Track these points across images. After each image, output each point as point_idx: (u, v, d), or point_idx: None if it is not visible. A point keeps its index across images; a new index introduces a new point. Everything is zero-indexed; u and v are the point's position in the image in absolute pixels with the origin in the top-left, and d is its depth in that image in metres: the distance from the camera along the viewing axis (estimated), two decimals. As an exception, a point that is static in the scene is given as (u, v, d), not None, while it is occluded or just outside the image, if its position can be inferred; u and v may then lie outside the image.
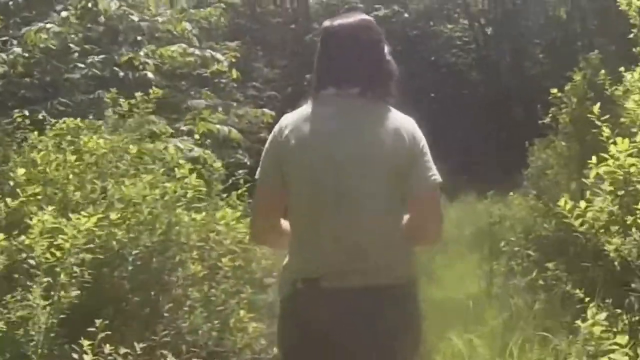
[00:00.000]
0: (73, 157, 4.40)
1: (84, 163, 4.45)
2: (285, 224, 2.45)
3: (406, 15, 18.99)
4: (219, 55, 8.14)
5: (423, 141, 2.37)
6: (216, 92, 14.75)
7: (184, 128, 7.48)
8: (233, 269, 4.27)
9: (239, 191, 5.37)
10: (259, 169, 2.44)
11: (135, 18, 7.41)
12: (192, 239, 4.11)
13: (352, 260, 2.28)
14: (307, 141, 2.33)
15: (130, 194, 3.83)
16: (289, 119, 2.40)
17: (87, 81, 8.35)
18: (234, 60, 11.88)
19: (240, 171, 6.33)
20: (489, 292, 6.66)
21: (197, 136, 7.27)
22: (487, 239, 8.01)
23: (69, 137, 4.81)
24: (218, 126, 7.57)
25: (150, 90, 5.63)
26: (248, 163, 15.26)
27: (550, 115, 6.85)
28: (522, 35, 20.24)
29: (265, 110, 10.94)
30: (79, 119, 5.17)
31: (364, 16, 2.49)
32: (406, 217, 2.39)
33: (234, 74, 8.39)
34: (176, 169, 4.36)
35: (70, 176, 4.31)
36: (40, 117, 6.75)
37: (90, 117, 6.02)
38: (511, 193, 8.85)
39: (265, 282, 4.55)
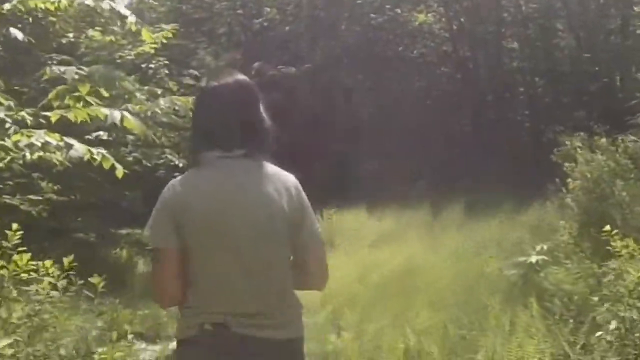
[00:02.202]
0: None
1: None
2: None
3: (371, -1, 16.70)
4: (122, 9, 5.58)
5: (304, 195, 2.51)
6: (144, 79, 12.43)
7: (48, 113, 4.58)
8: None
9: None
10: (150, 231, 2.43)
11: None
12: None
13: (256, 306, 2.38)
14: (203, 203, 2.39)
15: None
16: (178, 182, 2.45)
17: None
18: (165, 41, 9.54)
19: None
20: None
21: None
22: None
23: None
24: (105, 110, 4.58)
25: None
26: (180, 165, 12.88)
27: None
28: (499, 27, 18.21)
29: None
30: None
31: (241, 76, 2.55)
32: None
33: (145, 35, 5.89)
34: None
35: None
36: None
37: None
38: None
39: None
